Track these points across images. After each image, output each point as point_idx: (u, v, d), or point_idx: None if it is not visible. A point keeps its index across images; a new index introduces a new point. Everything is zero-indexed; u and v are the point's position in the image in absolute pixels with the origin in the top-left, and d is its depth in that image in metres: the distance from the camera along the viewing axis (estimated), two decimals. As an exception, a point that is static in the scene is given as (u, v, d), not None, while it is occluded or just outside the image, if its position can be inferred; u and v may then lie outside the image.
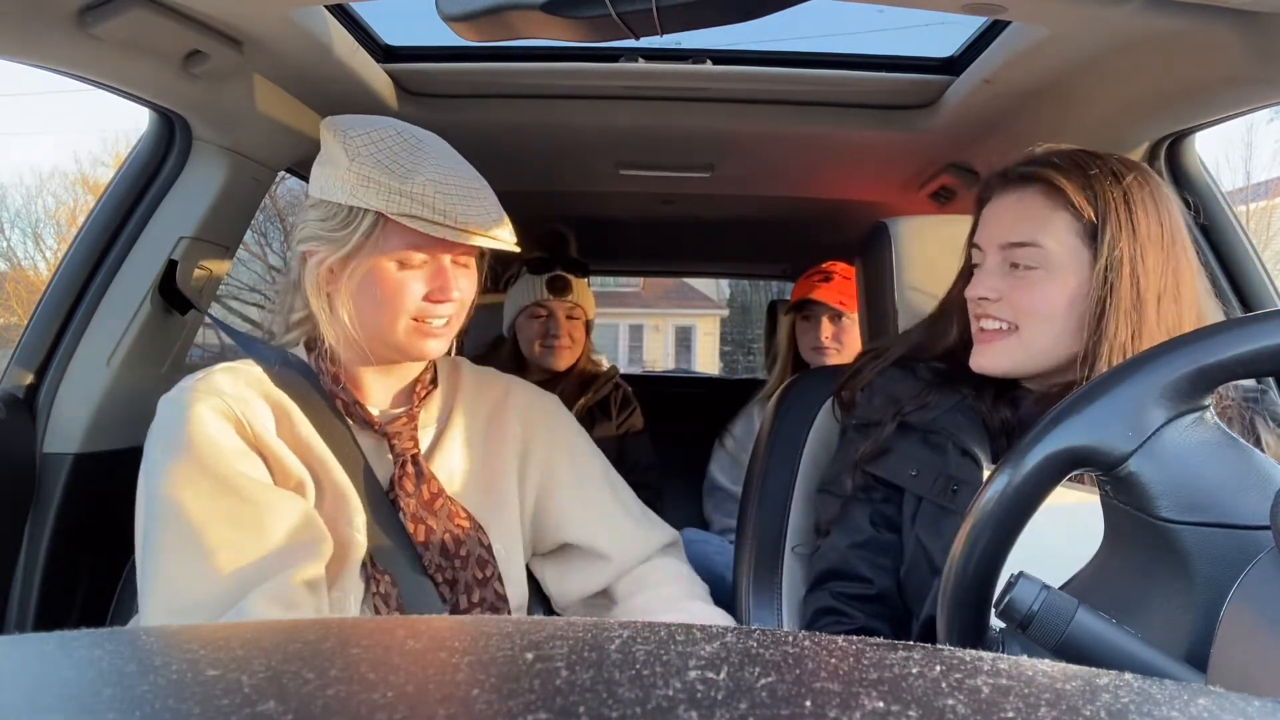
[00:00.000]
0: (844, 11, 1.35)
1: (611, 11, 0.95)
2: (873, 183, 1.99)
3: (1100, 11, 1.00)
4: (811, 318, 2.06)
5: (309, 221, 0.99)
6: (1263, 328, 0.54)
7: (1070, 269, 0.93)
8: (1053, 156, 0.97)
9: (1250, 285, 1.40)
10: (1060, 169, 0.95)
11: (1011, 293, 0.96)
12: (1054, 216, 0.94)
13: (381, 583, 0.99)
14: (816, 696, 0.26)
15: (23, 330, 1.40)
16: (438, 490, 1.06)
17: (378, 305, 0.97)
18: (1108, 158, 0.96)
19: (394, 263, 0.96)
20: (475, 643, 0.31)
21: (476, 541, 1.06)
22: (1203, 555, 0.54)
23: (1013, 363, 0.97)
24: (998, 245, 0.98)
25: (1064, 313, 0.94)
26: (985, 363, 0.99)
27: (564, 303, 2.01)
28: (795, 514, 1.17)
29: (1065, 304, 0.94)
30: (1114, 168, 0.95)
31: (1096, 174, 0.93)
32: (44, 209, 18.74)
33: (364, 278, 0.96)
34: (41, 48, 1.06)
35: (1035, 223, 0.95)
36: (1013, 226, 0.96)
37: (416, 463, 1.05)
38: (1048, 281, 0.94)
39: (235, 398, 0.95)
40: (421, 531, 1.03)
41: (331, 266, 0.97)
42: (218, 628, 0.33)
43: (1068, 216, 0.93)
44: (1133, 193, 0.93)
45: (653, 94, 1.57)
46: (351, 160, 0.94)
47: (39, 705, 0.26)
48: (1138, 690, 0.28)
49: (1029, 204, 0.96)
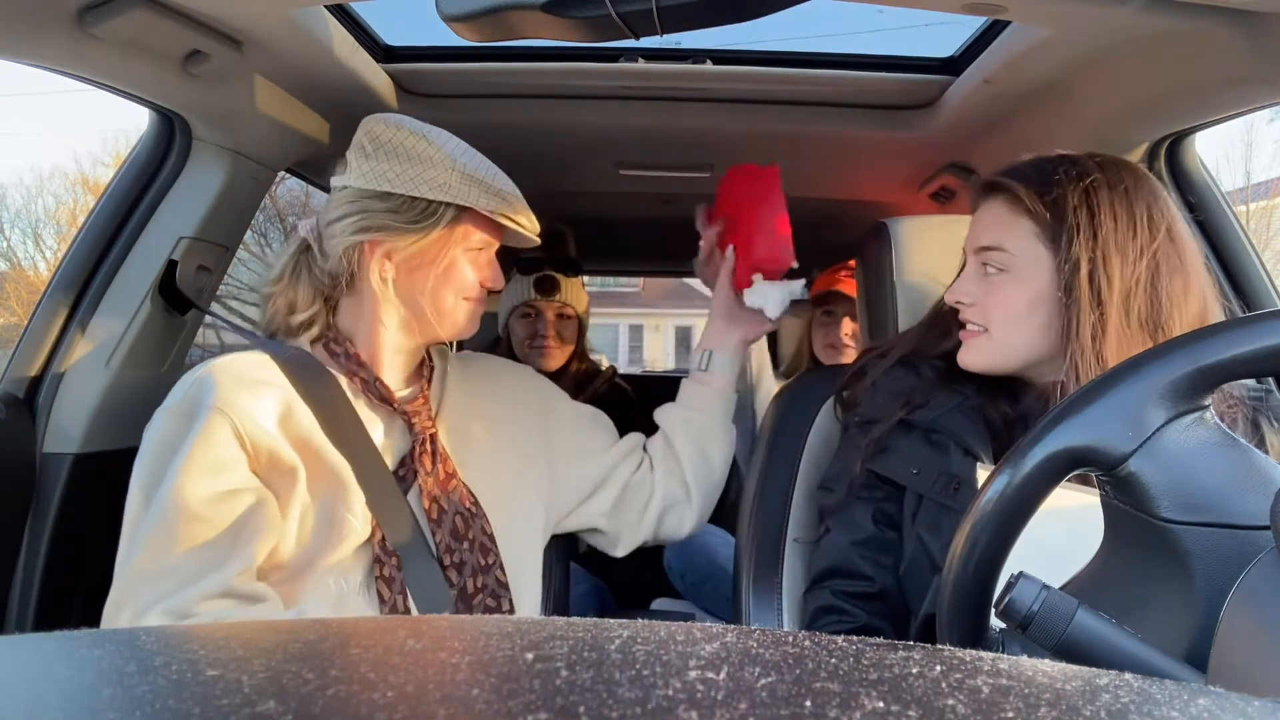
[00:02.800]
0: (844, 11, 1.35)
1: (611, 11, 0.95)
2: (873, 183, 1.99)
3: (1100, 12, 1.00)
4: (833, 313, 2.03)
5: (373, 212, 1.04)
6: (1263, 327, 0.54)
7: (1032, 272, 0.97)
8: (1023, 165, 1.02)
9: (1250, 285, 1.40)
10: (1023, 177, 0.99)
11: (983, 297, 1.01)
12: (1016, 221, 0.98)
13: (388, 565, 1.01)
14: (816, 696, 0.26)
15: (22, 330, 1.40)
16: (452, 470, 1.10)
17: (451, 289, 1.08)
18: (1084, 161, 0.98)
19: (471, 251, 1.09)
20: (475, 643, 0.31)
21: (480, 528, 1.09)
22: (1203, 555, 0.54)
23: (989, 360, 1.01)
24: (973, 249, 1.03)
25: (1027, 313, 0.97)
26: (967, 359, 1.03)
27: (552, 303, 2.00)
28: (795, 513, 1.17)
29: (1027, 305, 0.97)
30: (1081, 170, 0.96)
31: (1059, 179, 0.96)
32: (44, 209, 18.76)
33: (446, 265, 1.07)
34: (41, 48, 1.06)
35: (1000, 228, 0.99)
36: (982, 232, 1.01)
37: (434, 441, 1.09)
38: (1012, 284, 0.98)
39: (229, 401, 0.97)
40: (435, 510, 1.07)
41: (403, 255, 1.06)
42: (217, 627, 0.33)
43: (1028, 221, 0.97)
44: (1097, 195, 0.94)
45: (653, 94, 1.57)
46: (454, 160, 1.05)
47: (39, 705, 0.26)
48: (1138, 690, 0.28)
49: (996, 210, 1.01)
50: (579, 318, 2.07)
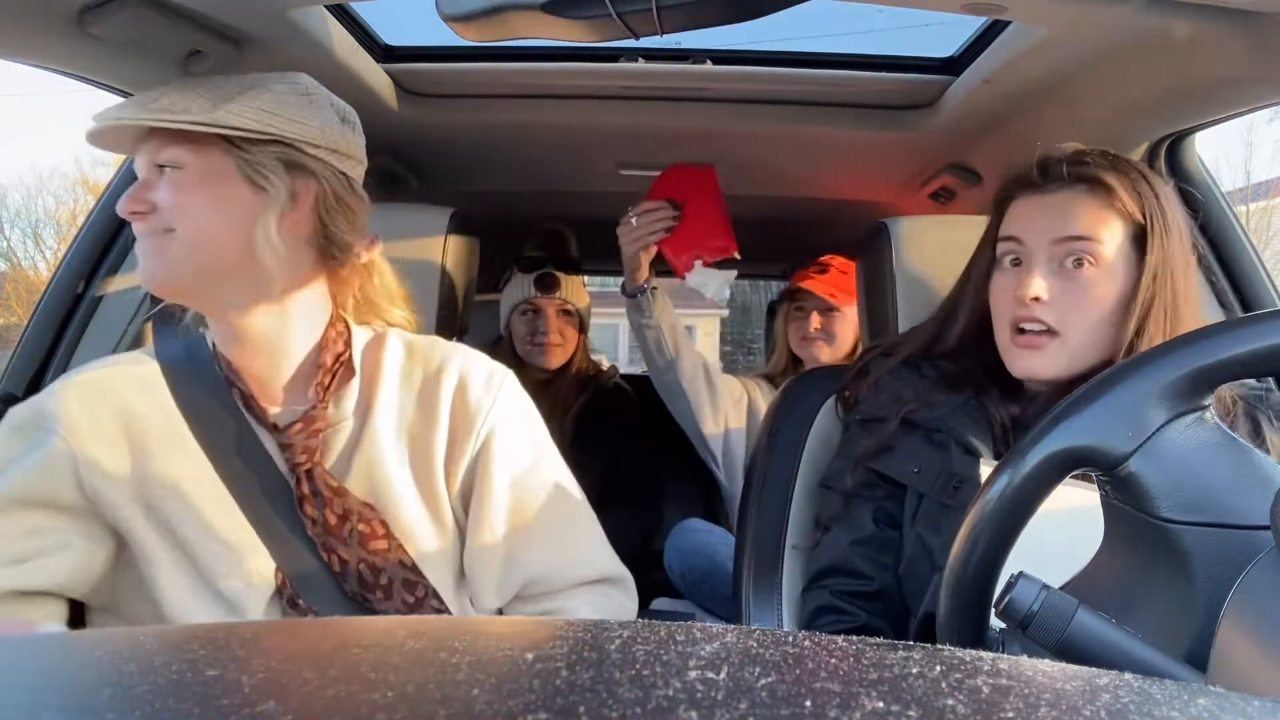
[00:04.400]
0: (844, 12, 1.34)
1: (612, 11, 0.95)
2: (873, 183, 1.99)
3: (1100, 11, 1.00)
4: (803, 309, 2.05)
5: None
6: (1263, 328, 0.54)
7: (1120, 270, 0.94)
8: (1090, 157, 0.97)
9: (1250, 285, 1.40)
10: (1109, 170, 0.95)
11: (1062, 295, 0.94)
12: (1108, 215, 0.94)
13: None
14: (816, 696, 0.26)
15: (22, 330, 1.41)
16: (346, 510, 0.89)
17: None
18: (1135, 163, 0.98)
19: None
20: (475, 643, 0.31)
21: (397, 564, 0.90)
22: (1203, 555, 0.54)
23: (1058, 367, 0.96)
24: (1049, 240, 0.96)
25: (1110, 315, 0.94)
26: (1035, 367, 0.96)
27: (553, 300, 2.00)
28: (796, 512, 1.17)
29: (1112, 306, 0.94)
30: (1144, 173, 0.97)
31: (1138, 177, 0.95)
32: (44, 209, 18.76)
33: None
34: (41, 47, 1.06)
35: (1091, 220, 0.94)
36: (1067, 223, 0.95)
37: (312, 479, 0.89)
38: (1101, 282, 0.94)
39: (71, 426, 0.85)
40: (336, 562, 0.89)
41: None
42: (217, 627, 0.33)
43: (1118, 217, 0.94)
44: (1166, 198, 0.95)
45: (653, 94, 1.57)
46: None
47: (39, 705, 0.26)
48: (1138, 690, 0.28)
49: (1082, 202, 0.95)
50: (580, 315, 2.07)
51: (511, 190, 2.11)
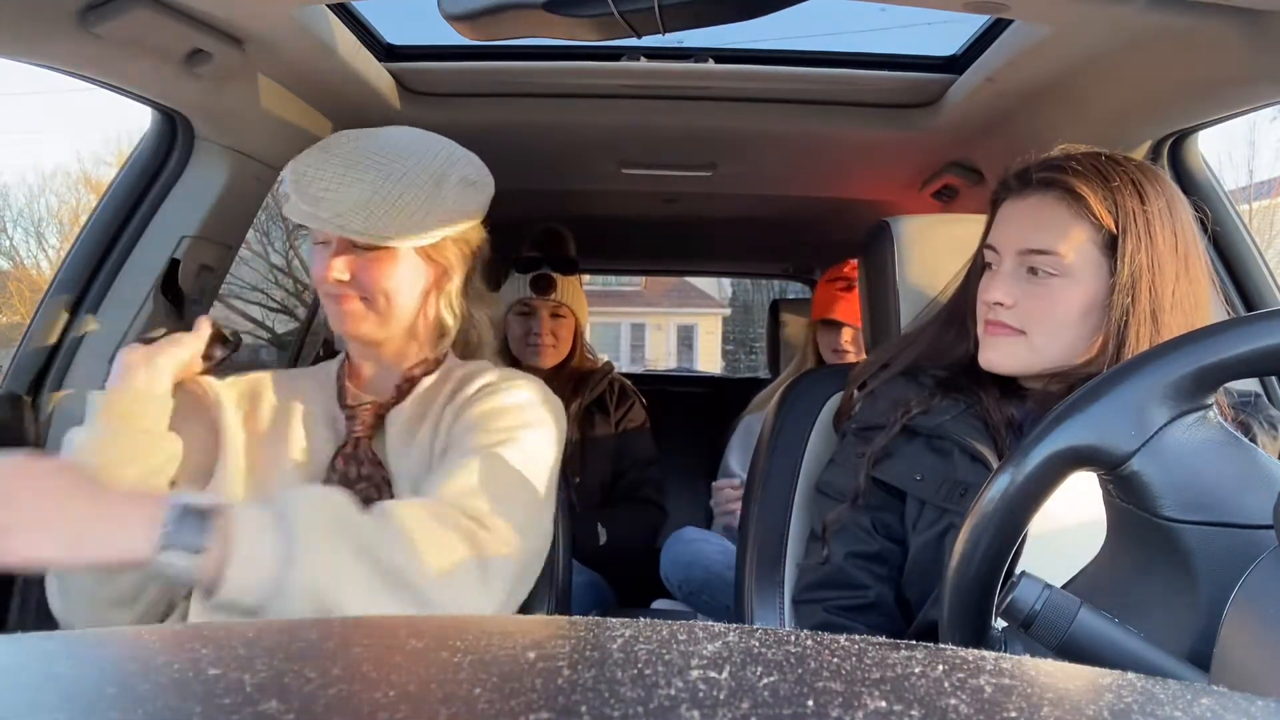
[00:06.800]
0: (846, 10, 1.35)
1: (614, 10, 0.95)
2: (875, 181, 1.99)
3: (1103, 9, 1.00)
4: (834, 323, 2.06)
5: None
6: (1265, 326, 0.54)
7: (1087, 278, 0.93)
8: (1073, 162, 0.96)
9: (1253, 284, 1.39)
10: (1082, 176, 0.94)
11: (1026, 300, 0.95)
12: (1074, 225, 0.93)
13: None
14: (819, 696, 0.26)
15: (25, 329, 1.41)
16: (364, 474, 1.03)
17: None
18: (1126, 164, 0.96)
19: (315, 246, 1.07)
20: (477, 642, 0.31)
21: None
22: (1205, 554, 0.54)
23: (1018, 365, 0.98)
24: (1015, 250, 0.97)
25: (1077, 321, 0.94)
26: (993, 359, 0.98)
27: (548, 301, 2.00)
28: (797, 513, 1.17)
29: (1079, 313, 0.93)
30: (1133, 176, 0.94)
31: (1118, 184, 0.93)
32: (47, 208, 18.78)
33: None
34: (43, 47, 1.06)
35: (1055, 231, 0.94)
36: (1032, 233, 0.95)
37: (358, 445, 1.05)
38: (1064, 290, 0.94)
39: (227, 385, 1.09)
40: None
41: None
42: (218, 626, 0.33)
43: (1088, 226, 0.93)
44: (1151, 203, 0.92)
45: (655, 93, 1.57)
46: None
47: (40, 705, 0.26)
48: (1141, 690, 0.28)
49: (1050, 210, 0.95)
50: (575, 317, 2.07)
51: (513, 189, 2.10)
